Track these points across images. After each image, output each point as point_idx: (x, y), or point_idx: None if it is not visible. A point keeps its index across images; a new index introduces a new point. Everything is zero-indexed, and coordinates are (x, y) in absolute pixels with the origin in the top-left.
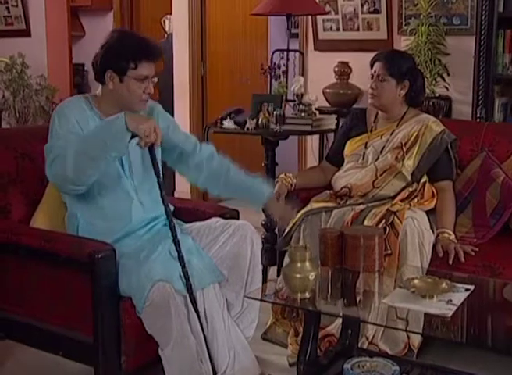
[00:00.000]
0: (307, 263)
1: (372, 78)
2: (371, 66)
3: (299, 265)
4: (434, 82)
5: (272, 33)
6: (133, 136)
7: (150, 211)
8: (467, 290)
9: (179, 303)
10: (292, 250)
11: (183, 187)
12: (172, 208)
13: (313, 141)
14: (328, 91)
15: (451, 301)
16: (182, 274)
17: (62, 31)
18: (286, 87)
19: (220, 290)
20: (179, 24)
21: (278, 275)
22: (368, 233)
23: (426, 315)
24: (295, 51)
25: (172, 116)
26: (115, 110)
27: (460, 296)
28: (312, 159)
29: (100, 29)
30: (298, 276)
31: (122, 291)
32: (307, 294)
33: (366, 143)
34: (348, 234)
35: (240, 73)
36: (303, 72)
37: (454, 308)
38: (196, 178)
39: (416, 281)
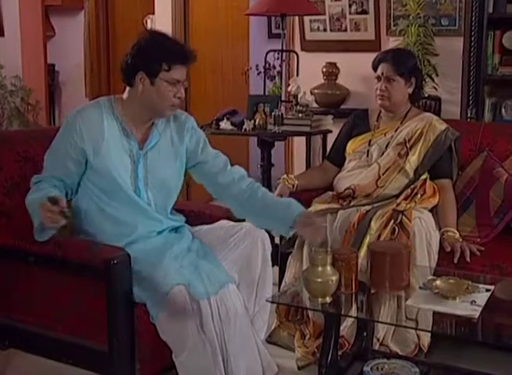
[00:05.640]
0: (328, 267)
1: (379, 80)
2: (375, 68)
3: (320, 269)
4: (423, 82)
5: (253, 33)
6: None
7: (161, 223)
8: (487, 290)
9: (194, 309)
10: (313, 254)
11: None
12: (183, 218)
13: (311, 143)
14: (316, 91)
15: (475, 302)
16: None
17: (36, 31)
18: (281, 88)
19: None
20: (161, 24)
21: (280, 277)
22: (394, 249)
23: (435, 314)
24: (289, 51)
25: None
26: (141, 114)
27: (482, 296)
28: (299, 160)
29: (70, 29)
30: (319, 280)
31: (137, 297)
32: (327, 299)
33: (370, 141)
34: (375, 251)
35: (222, 73)
36: (298, 72)
37: (479, 308)
38: (223, 195)
39: (438, 282)
